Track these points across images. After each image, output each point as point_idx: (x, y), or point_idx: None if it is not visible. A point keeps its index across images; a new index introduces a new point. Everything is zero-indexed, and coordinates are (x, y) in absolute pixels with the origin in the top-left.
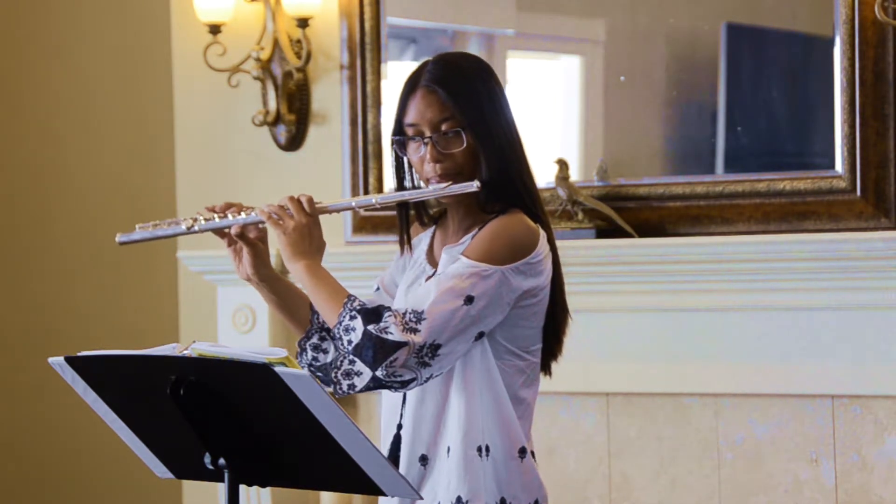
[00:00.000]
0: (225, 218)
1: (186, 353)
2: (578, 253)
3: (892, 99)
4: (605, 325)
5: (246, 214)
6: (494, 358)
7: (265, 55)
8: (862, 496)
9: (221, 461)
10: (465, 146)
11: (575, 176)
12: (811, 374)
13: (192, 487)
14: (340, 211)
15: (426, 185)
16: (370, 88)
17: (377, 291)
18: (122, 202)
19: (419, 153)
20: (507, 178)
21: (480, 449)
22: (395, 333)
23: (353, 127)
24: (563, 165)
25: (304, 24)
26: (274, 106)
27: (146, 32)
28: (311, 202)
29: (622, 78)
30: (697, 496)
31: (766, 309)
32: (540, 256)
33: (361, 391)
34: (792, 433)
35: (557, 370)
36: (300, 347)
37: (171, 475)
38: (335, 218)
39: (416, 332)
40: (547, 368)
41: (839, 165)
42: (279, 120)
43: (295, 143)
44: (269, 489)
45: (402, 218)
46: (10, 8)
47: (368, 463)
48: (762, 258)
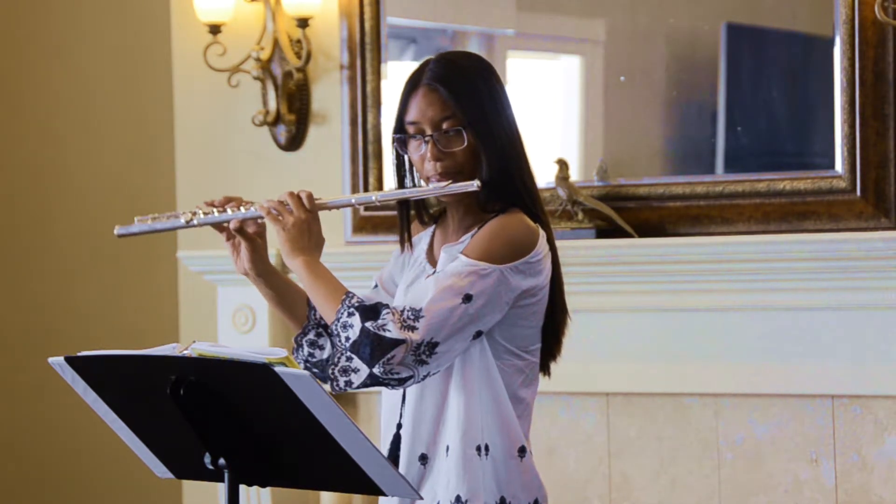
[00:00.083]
0: (224, 212)
1: (186, 353)
2: (578, 253)
3: (892, 99)
4: (605, 325)
5: (245, 209)
6: (493, 357)
7: (265, 55)
8: (862, 496)
9: (221, 461)
10: (465, 145)
11: (575, 176)
12: (811, 374)
13: (192, 487)
14: (340, 207)
15: (426, 183)
16: (370, 88)
17: (375, 289)
18: (122, 202)
19: (420, 151)
20: (507, 177)
21: (480, 448)
22: (392, 331)
23: (353, 127)
24: (563, 165)
25: (304, 24)
26: (274, 106)
27: (146, 32)
28: (310, 198)
29: (622, 78)
30: (697, 496)
31: (766, 309)
32: (539, 256)
33: (358, 388)
34: (792, 433)
35: (558, 370)
36: (296, 343)
37: (171, 475)
38: (335, 218)
39: (413, 329)
40: (546, 369)
41: (839, 165)
42: (279, 120)
43: (295, 143)
44: (269, 489)
45: (402, 216)
46: (10, 8)
47: (368, 463)
48: (762, 258)
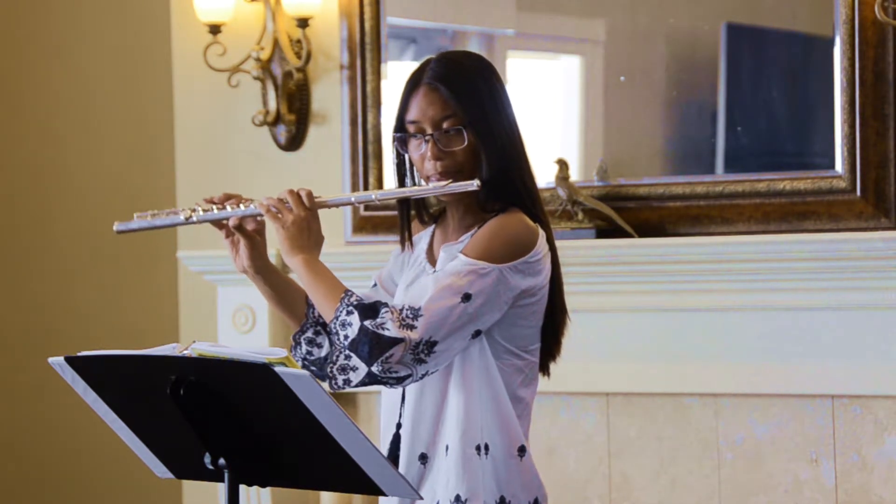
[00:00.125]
0: (223, 209)
1: (186, 353)
2: (578, 253)
3: (892, 99)
4: (605, 325)
5: (245, 206)
6: (493, 357)
7: (265, 55)
8: (862, 496)
9: (221, 461)
10: (465, 144)
11: (575, 176)
12: (811, 374)
13: (192, 487)
14: (339, 206)
15: (426, 182)
16: (370, 88)
17: (374, 288)
18: (122, 202)
19: (420, 150)
20: (507, 177)
21: (479, 447)
22: (391, 329)
23: (353, 127)
24: (563, 165)
25: (304, 24)
26: (274, 106)
27: (146, 32)
28: (310, 196)
29: (622, 78)
30: (697, 496)
31: (766, 309)
32: (539, 255)
33: (357, 386)
34: (792, 433)
35: (558, 370)
36: (294, 341)
37: (171, 475)
38: (335, 218)
39: (412, 328)
40: (545, 369)
41: (839, 165)
42: (279, 120)
43: (295, 143)
44: (269, 489)
45: (402, 214)
46: (10, 8)
47: (368, 463)
48: (762, 258)
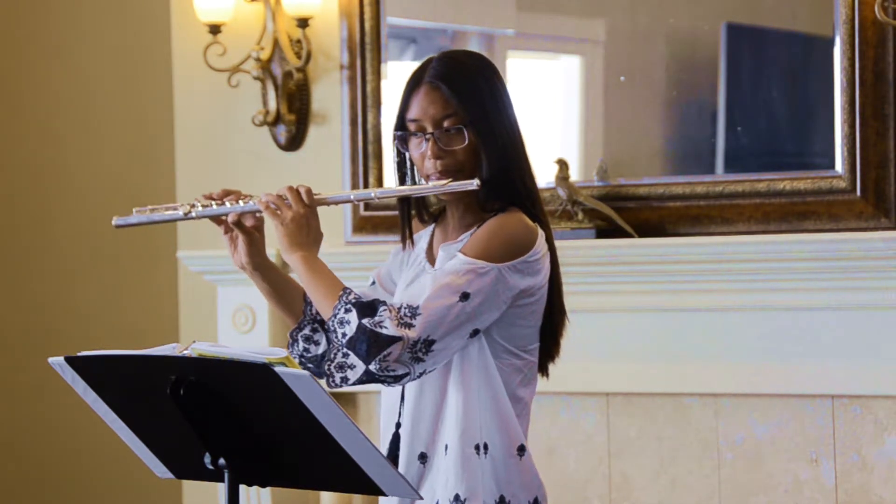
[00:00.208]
0: (222, 205)
1: (186, 353)
2: (578, 253)
3: (892, 99)
4: (605, 325)
5: (244, 203)
6: (492, 356)
7: (265, 55)
8: (862, 496)
9: (221, 461)
10: (466, 143)
11: (575, 176)
12: (811, 374)
13: (192, 487)
14: (339, 203)
15: (426, 181)
16: (370, 88)
17: (373, 286)
18: (122, 202)
19: (420, 149)
20: (507, 176)
21: (478, 447)
22: (389, 328)
23: (353, 127)
24: (563, 165)
25: (304, 24)
26: (274, 106)
27: (146, 32)
28: (309, 193)
29: (622, 78)
30: (697, 496)
31: (766, 309)
32: (538, 255)
33: (354, 384)
34: (792, 433)
35: (559, 370)
36: (292, 338)
37: (171, 475)
38: (335, 218)
39: (410, 327)
40: (544, 370)
41: (839, 165)
42: (279, 120)
43: (295, 143)
44: (269, 489)
45: (403, 213)
46: (10, 8)
47: (368, 463)
48: (762, 258)
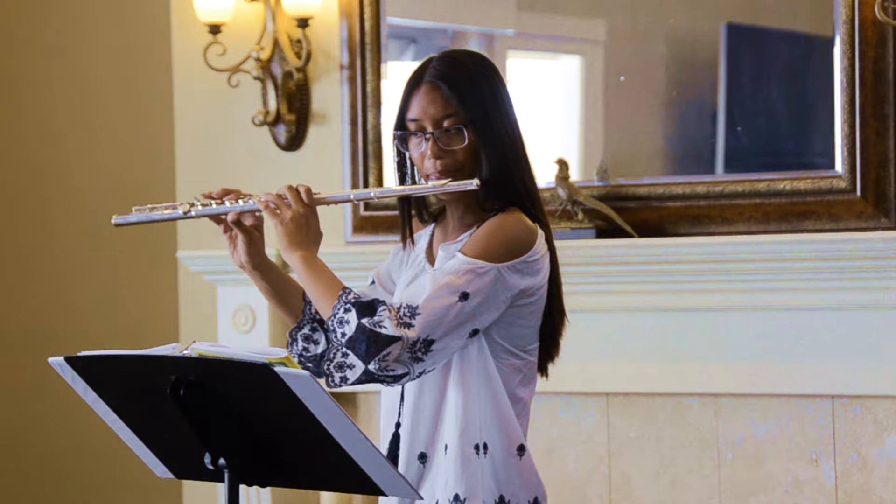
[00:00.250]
0: (222, 204)
1: (186, 353)
2: (578, 253)
3: (892, 99)
4: (605, 325)
5: (243, 202)
6: (491, 356)
7: (265, 55)
8: (862, 496)
9: (221, 461)
10: (466, 143)
11: (575, 176)
12: (811, 374)
13: (192, 487)
14: (339, 203)
15: (426, 181)
16: (370, 88)
17: (372, 285)
18: (122, 202)
19: (420, 149)
20: (507, 176)
21: (478, 447)
22: (388, 328)
23: (353, 127)
24: (563, 165)
25: (304, 24)
26: (274, 106)
27: (146, 32)
28: (308, 192)
29: (622, 78)
30: (697, 496)
31: (766, 309)
32: (537, 255)
33: (353, 384)
34: (792, 433)
35: (558, 370)
36: (291, 337)
37: (171, 475)
38: (335, 218)
39: (409, 326)
40: (544, 370)
41: (839, 165)
42: (279, 120)
43: (295, 142)
44: (269, 489)
45: (403, 212)
46: (10, 8)
47: (368, 463)
48: (762, 258)
